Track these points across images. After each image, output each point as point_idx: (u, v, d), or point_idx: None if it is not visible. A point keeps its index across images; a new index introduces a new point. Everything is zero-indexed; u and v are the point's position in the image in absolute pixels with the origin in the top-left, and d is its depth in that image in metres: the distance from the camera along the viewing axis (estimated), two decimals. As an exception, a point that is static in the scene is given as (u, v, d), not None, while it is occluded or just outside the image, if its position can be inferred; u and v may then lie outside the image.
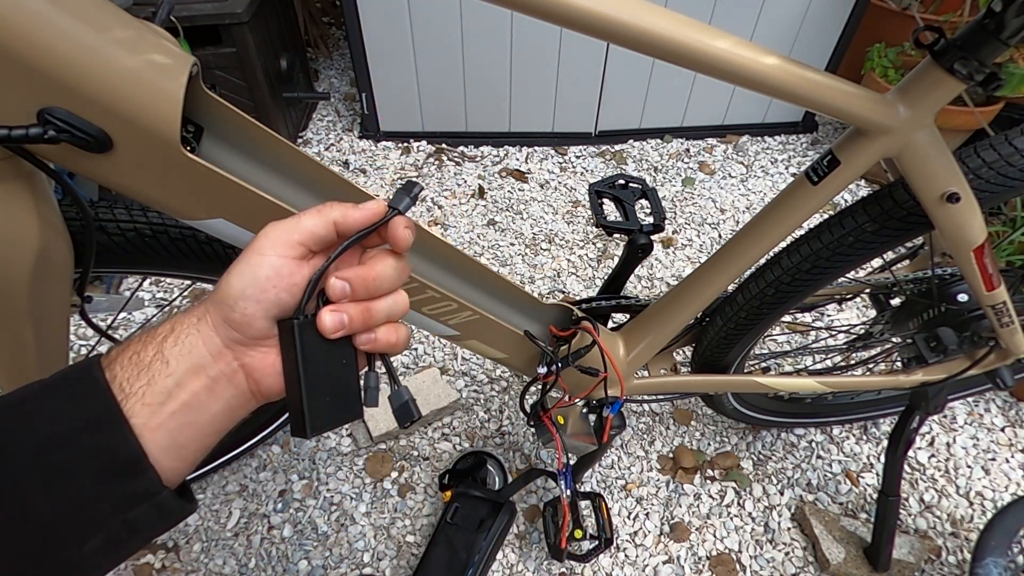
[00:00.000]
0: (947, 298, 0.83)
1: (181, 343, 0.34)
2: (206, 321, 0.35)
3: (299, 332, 0.35)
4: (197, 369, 0.34)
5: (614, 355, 0.82)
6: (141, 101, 0.39)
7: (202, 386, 0.34)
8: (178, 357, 0.34)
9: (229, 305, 0.34)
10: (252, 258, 0.35)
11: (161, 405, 0.32)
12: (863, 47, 1.83)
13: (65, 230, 0.50)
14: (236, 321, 0.35)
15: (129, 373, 0.32)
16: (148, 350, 0.34)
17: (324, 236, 0.36)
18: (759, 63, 0.50)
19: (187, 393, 0.33)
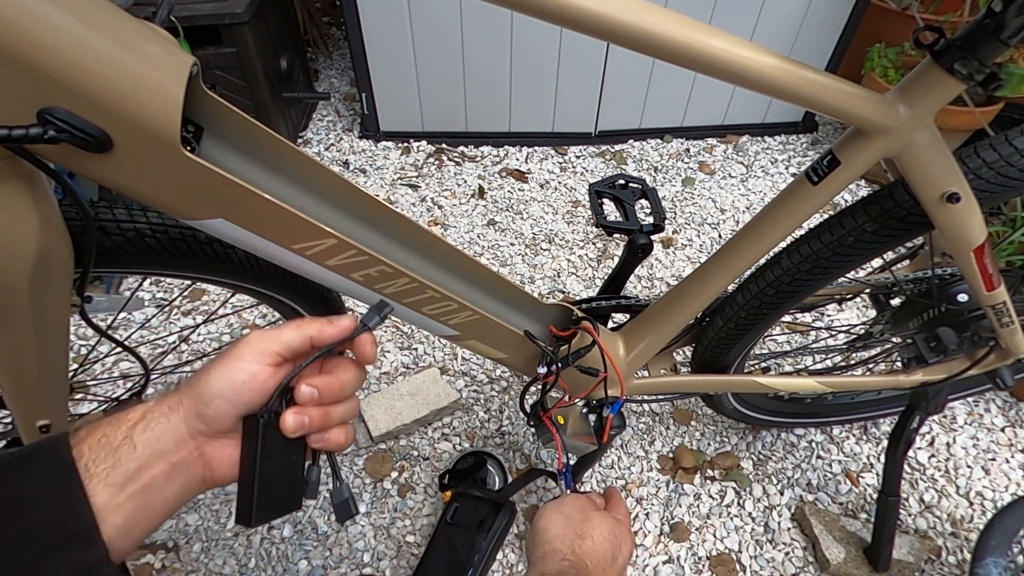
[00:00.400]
0: (947, 298, 0.83)
1: (151, 429, 0.37)
2: (178, 412, 0.38)
3: (263, 429, 0.39)
4: (160, 455, 0.37)
5: (614, 355, 0.82)
6: (141, 101, 0.39)
7: (162, 472, 0.37)
8: (145, 443, 0.36)
9: (204, 402, 0.38)
10: (232, 363, 0.39)
11: (122, 487, 0.35)
12: (863, 47, 1.83)
13: (65, 230, 0.50)
14: (208, 416, 0.38)
15: (96, 455, 0.35)
16: (118, 433, 0.36)
17: (300, 348, 0.41)
18: (759, 63, 0.50)
19: (148, 477, 0.36)
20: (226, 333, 1.33)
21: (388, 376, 1.27)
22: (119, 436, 0.36)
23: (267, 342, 0.40)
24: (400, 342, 1.34)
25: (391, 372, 1.28)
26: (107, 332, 0.65)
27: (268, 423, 0.39)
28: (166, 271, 0.65)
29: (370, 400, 1.18)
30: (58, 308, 0.54)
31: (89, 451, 0.35)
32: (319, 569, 0.98)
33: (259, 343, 0.40)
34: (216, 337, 1.32)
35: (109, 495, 0.34)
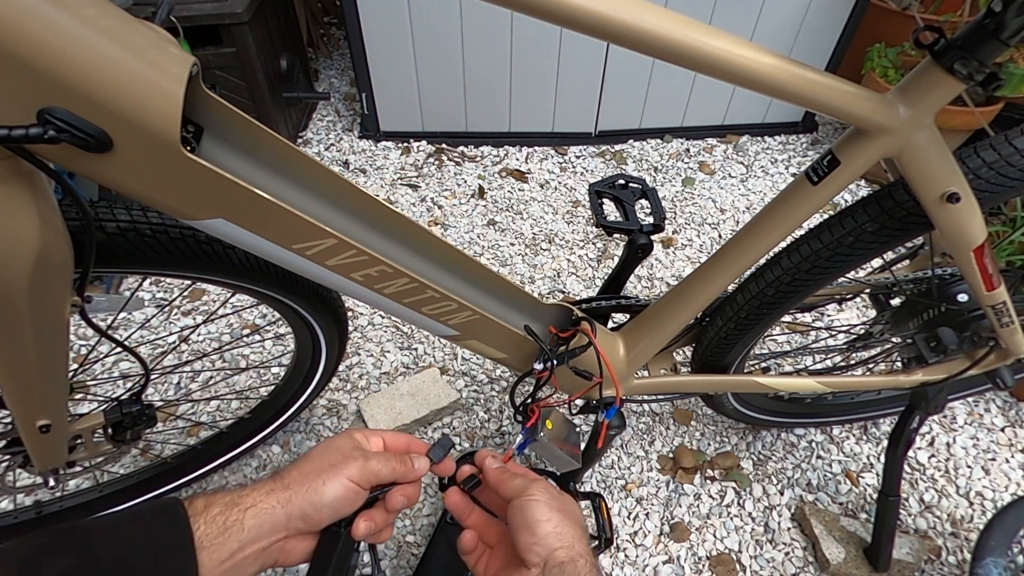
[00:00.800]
0: (947, 298, 0.83)
1: (258, 516, 0.44)
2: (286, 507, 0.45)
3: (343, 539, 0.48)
4: (257, 540, 0.44)
5: (614, 355, 0.82)
6: (141, 101, 0.39)
7: (253, 552, 0.44)
8: (251, 528, 0.43)
9: (316, 508, 0.46)
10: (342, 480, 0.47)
11: (221, 562, 0.42)
12: (863, 47, 1.83)
13: (65, 230, 0.50)
14: (313, 520, 0.46)
15: (210, 530, 0.42)
16: (232, 515, 0.43)
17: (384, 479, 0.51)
18: (759, 63, 0.50)
19: (242, 556, 0.43)
20: (226, 333, 1.33)
21: (388, 376, 1.27)
22: (232, 517, 0.43)
23: (368, 473, 0.48)
24: (400, 342, 1.34)
25: (391, 372, 1.28)
26: (107, 332, 0.65)
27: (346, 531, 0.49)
28: (166, 271, 0.65)
29: (370, 400, 1.18)
30: (58, 308, 0.54)
31: (204, 526, 0.42)
32: None
33: (363, 472, 0.48)
34: (216, 337, 1.32)
35: (211, 565, 0.41)
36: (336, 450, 0.49)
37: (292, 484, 0.46)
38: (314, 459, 0.48)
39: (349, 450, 0.49)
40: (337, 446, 0.50)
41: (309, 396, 1.01)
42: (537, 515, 0.49)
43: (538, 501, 0.50)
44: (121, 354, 1.22)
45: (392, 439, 0.55)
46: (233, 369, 1.26)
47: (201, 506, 0.43)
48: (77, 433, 0.73)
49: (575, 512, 0.52)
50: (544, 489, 0.51)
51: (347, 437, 0.51)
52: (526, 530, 0.48)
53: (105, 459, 0.81)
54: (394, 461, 0.51)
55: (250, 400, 1.15)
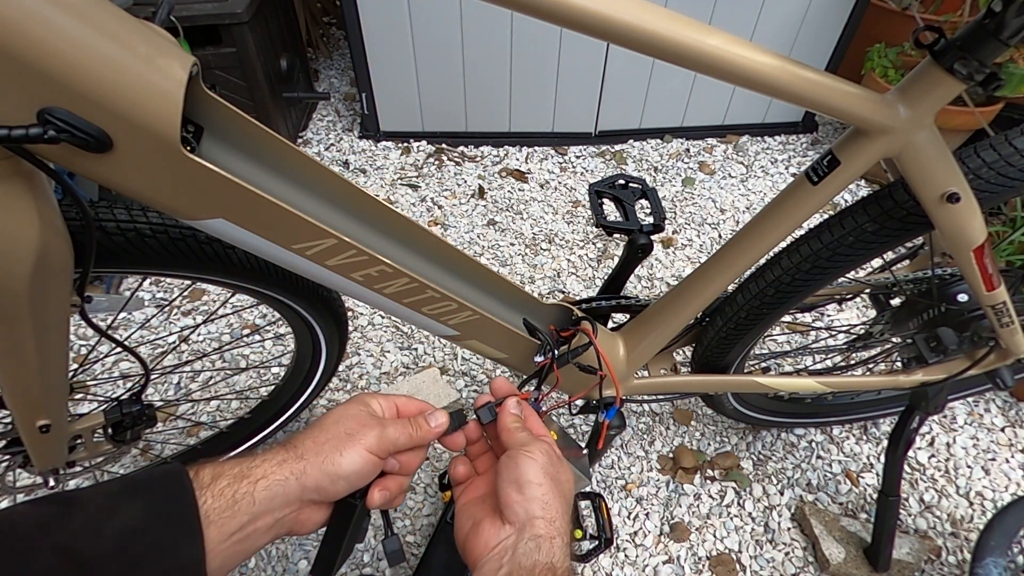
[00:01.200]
0: (947, 298, 0.83)
1: (270, 488, 0.42)
2: (300, 479, 0.43)
3: (358, 511, 0.47)
4: (270, 511, 0.42)
5: (614, 355, 0.82)
6: (141, 101, 0.39)
7: (265, 524, 0.42)
8: (262, 499, 0.42)
9: (332, 480, 0.44)
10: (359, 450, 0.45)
11: (231, 535, 0.40)
12: (863, 47, 1.83)
13: (65, 230, 0.50)
14: (329, 492, 0.45)
15: (218, 504, 0.40)
16: (241, 487, 0.41)
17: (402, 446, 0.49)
18: (759, 63, 0.50)
19: (253, 528, 0.41)
20: (226, 333, 1.33)
21: (388, 376, 1.27)
22: (242, 490, 0.41)
23: (385, 442, 0.47)
24: (400, 342, 1.34)
25: (391, 372, 1.28)
26: (107, 332, 0.65)
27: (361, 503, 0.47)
28: (166, 271, 0.65)
29: (370, 400, 1.18)
30: (58, 308, 0.54)
31: (212, 500, 0.40)
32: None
33: (380, 441, 0.46)
34: (216, 337, 1.32)
35: (219, 539, 0.39)
36: (351, 418, 0.47)
37: (306, 454, 0.44)
38: (328, 427, 0.46)
39: (365, 417, 0.47)
40: (352, 413, 0.47)
41: (309, 396, 1.01)
42: (529, 475, 0.46)
43: (535, 460, 0.47)
44: (121, 354, 1.22)
45: (405, 404, 0.52)
46: (233, 369, 1.26)
47: (208, 477, 0.41)
48: (77, 433, 0.73)
49: (568, 487, 0.49)
50: (545, 451, 0.48)
51: (360, 403, 0.49)
52: (513, 485, 0.46)
53: (105, 459, 0.81)
54: (410, 427, 0.49)
55: (250, 400, 1.15)
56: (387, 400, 0.51)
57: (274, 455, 0.44)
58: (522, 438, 0.50)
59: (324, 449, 0.44)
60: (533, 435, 0.51)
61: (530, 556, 0.42)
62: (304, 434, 0.46)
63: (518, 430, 0.52)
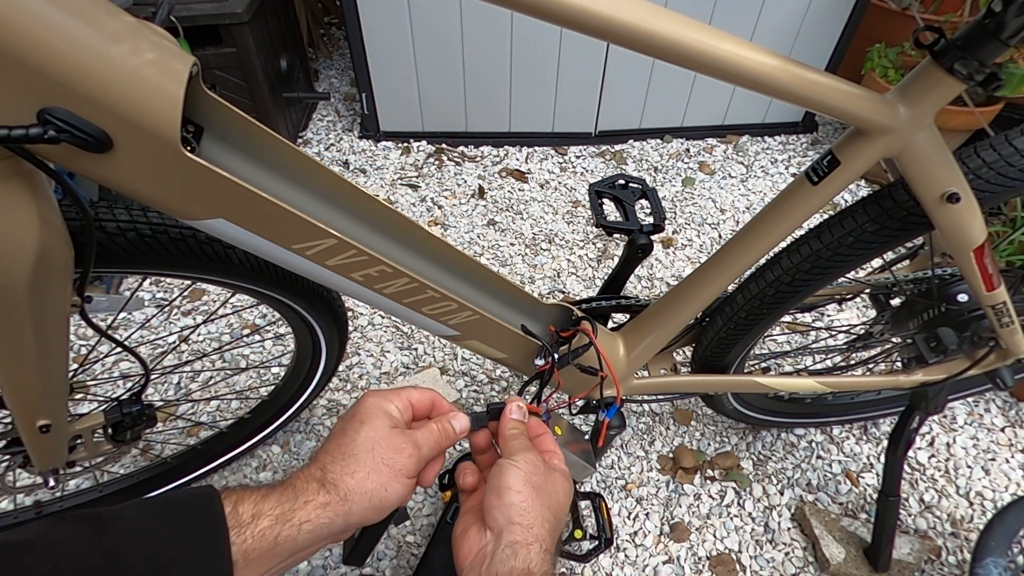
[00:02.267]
0: (947, 298, 0.83)
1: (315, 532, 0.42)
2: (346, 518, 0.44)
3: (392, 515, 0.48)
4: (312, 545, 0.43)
5: (614, 355, 0.82)
6: (141, 101, 0.39)
7: (305, 556, 0.43)
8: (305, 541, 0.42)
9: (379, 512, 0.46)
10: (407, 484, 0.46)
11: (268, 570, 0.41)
12: (863, 47, 1.83)
13: (65, 230, 0.50)
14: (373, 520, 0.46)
15: (259, 545, 0.40)
16: (284, 531, 0.41)
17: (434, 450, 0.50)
18: (759, 63, 0.50)
19: (291, 561, 0.42)
20: (226, 333, 1.33)
21: (388, 376, 1.27)
22: (285, 533, 0.41)
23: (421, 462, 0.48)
24: (400, 342, 1.34)
25: (391, 372, 1.28)
26: (107, 332, 0.65)
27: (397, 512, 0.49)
28: (166, 271, 0.65)
29: (370, 400, 1.18)
30: (58, 308, 0.54)
31: (252, 540, 0.39)
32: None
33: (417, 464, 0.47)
34: (216, 337, 1.32)
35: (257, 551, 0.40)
36: (383, 442, 0.46)
37: (351, 496, 0.44)
38: (363, 458, 0.45)
39: (396, 439, 0.47)
40: (382, 436, 0.46)
41: (309, 396, 1.01)
42: (509, 482, 0.47)
43: (517, 469, 0.47)
44: (121, 354, 1.22)
45: (418, 401, 0.52)
46: (233, 369, 1.26)
47: (248, 515, 0.40)
48: (77, 433, 0.73)
49: (556, 497, 0.49)
50: (531, 461, 0.49)
51: (383, 416, 0.48)
52: (494, 492, 0.47)
53: (105, 459, 0.81)
54: (438, 435, 0.50)
55: (250, 400, 1.15)
56: (401, 400, 0.50)
57: (315, 496, 0.43)
58: (515, 447, 0.51)
59: (368, 485, 0.44)
60: (528, 444, 0.51)
61: (506, 563, 0.43)
62: (339, 468, 0.45)
63: (514, 438, 0.52)
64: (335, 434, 0.47)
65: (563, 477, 0.52)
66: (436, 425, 0.51)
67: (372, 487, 0.44)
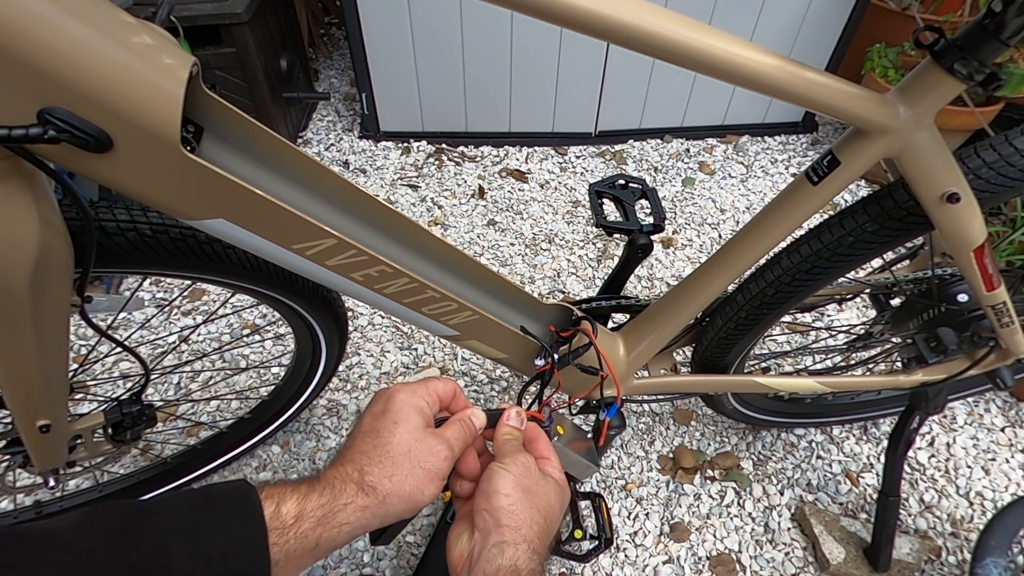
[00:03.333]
0: (947, 298, 0.83)
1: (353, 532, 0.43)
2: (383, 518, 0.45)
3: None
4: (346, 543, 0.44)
5: (614, 355, 0.82)
6: (141, 101, 0.39)
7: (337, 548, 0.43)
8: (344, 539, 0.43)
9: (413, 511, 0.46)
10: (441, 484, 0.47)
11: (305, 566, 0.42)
12: (863, 47, 1.83)
13: (65, 230, 0.50)
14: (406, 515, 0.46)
15: (300, 545, 0.41)
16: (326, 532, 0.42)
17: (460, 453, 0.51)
18: (759, 63, 0.50)
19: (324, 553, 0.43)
20: (226, 333, 1.33)
21: (388, 376, 1.27)
22: (326, 535, 0.42)
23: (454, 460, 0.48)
24: (400, 342, 1.34)
25: (391, 372, 1.28)
26: (107, 332, 0.65)
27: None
28: (166, 271, 0.65)
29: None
30: (58, 308, 0.54)
31: (295, 541, 0.40)
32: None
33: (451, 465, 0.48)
34: (216, 337, 1.32)
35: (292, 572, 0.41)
36: (418, 443, 0.47)
37: (389, 500, 0.44)
38: (401, 461, 0.45)
39: (429, 439, 0.47)
40: (416, 438, 0.47)
41: (309, 396, 1.01)
42: (499, 486, 0.47)
43: (507, 473, 0.48)
44: (121, 354, 1.22)
45: (443, 393, 0.53)
46: (233, 369, 1.26)
47: (291, 517, 0.41)
48: (77, 433, 0.73)
49: (547, 501, 0.49)
50: (521, 464, 0.49)
51: (415, 414, 0.48)
52: (483, 496, 0.47)
53: (105, 459, 0.81)
54: (464, 433, 0.51)
55: (250, 400, 1.15)
56: (429, 394, 0.51)
57: (354, 498, 0.43)
58: (506, 451, 0.51)
59: (405, 489, 0.45)
60: (520, 448, 0.52)
61: (493, 561, 0.43)
62: (377, 470, 0.45)
63: (507, 443, 0.52)
64: (368, 433, 0.47)
65: (556, 484, 0.52)
66: (461, 424, 0.51)
67: (410, 490, 0.45)
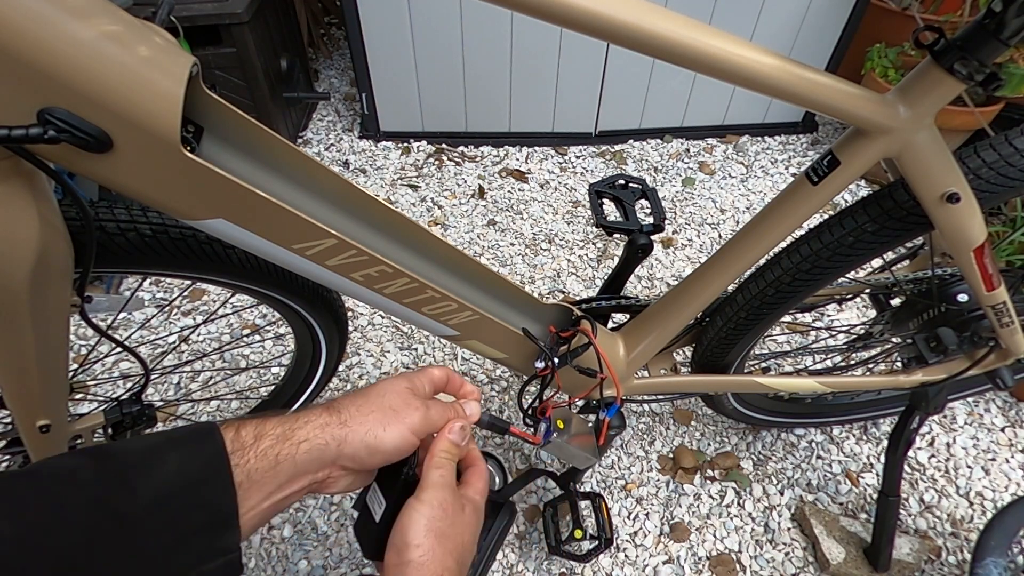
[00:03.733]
0: (947, 298, 0.83)
1: (311, 452, 0.42)
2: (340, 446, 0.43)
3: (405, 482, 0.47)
4: (307, 473, 0.43)
5: (614, 355, 0.82)
6: (141, 101, 0.39)
7: (301, 485, 0.43)
8: (303, 461, 0.42)
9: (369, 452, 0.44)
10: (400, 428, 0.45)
11: (270, 495, 0.41)
12: (863, 47, 1.83)
13: (65, 230, 0.50)
14: (364, 463, 0.44)
15: (261, 464, 0.40)
16: (284, 449, 0.41)
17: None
18: (759, 63, 0.50)
19: (290, 490, 0.42)
20: (226, 333, 1.33)
21: (388, 376, 1.27)
22: (285, 452, 0.41)
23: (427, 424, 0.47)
24: (400, 342, 1.34)
25: (391, 372, 1.28)
26: (107, 332, 0.65)
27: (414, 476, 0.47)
28: (166, 271, 0.65)
29: (370, 400, 1.18)
30: (58, 308, 0.54)
31: (255, 460, 0.40)
32: (319, 569, 0.98)
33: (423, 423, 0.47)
34: (216, 337, 1.32)
35: (259, 499, 0.40)
36: (396, 393, 0.47)
37: (350, 422, 0.44)
38: (373, 399, 0.46)
39: (408, 395, 0.47)
40: (396, 389, 0.47)
41: (309, 396, 1.01)
42: (411, 535, 0.43)
43: (421, 515, 0.44)
44: (121, 354, 1.22)
45: (440, 377, 0.53)
46: (233, 369, 1.26)
47: (251, 437, 0.41)
48: (77, 433, 0.73)
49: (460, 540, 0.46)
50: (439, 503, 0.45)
51: (404, 379, 0.49)
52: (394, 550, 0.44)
53: (105, 459, 0.81)
54: (449, 411, 0.50)
55: (250, 400, 1.15)
56: (426, 376, 0.51)
57: (316, 417, 0.43)
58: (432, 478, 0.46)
59: (368, 420, 0.44)
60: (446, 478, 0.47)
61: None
62: (348, 400, 0.46)
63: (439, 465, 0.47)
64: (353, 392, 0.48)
65: (473, 509, 0.48)
66: (449, 405, 0.50)
67: (372, 421, 0.44)
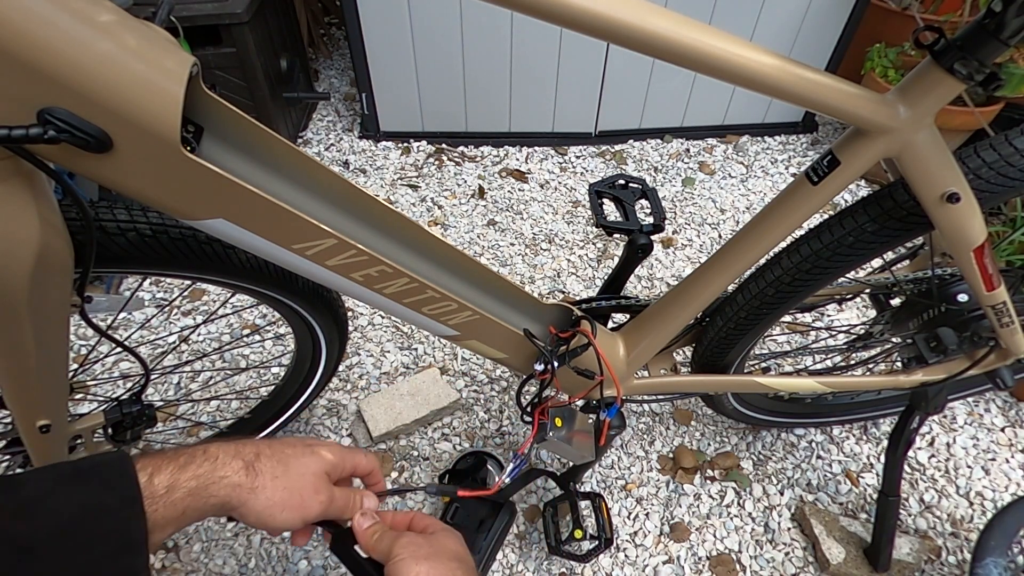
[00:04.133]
0: (947, 298, 0.83)
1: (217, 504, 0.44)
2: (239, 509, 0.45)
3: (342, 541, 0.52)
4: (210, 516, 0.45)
5: (614, 355, 0.82)
6: (141, 101, 0.39)
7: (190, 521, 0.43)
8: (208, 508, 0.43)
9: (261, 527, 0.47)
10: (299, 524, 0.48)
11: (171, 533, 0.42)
12: (863, 47, 1.83)
13: (65, 230, 0.50)
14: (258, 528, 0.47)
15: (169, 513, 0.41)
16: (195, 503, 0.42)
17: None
18: (759, 63, 0.50)
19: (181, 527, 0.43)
20: (226, 333, 1.33)
21: (388, 376, 1.27)
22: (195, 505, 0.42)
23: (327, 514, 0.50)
24: (400, 342, 1.34)
25: (391, 372, 1.28)
26: (107, 332, 0.65)
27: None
28: (166, 271, 0.65)
29: (370, 400, 1.18)
30: (58, 308, 0.54)
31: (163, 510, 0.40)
32: (319, 569, 0.98)
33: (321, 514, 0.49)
34: (216, 337, 1.32)
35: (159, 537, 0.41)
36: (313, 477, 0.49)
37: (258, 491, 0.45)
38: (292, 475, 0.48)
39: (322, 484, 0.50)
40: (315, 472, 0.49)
41: (309, 396, 1.01)
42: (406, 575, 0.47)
43: (403, 560, 0.47)
44: (121, 354, 1.22)
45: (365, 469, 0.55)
46: (233, 369, 1.26)
47: (162, 488, 0.41)
48: (77, 433, 0.73)
49: (449, 550, 0.50)
50: (408, 544, 0.49)
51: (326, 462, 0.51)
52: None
53: (105, 459, 0.81)
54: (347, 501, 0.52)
55: (250, 400, 1.15)
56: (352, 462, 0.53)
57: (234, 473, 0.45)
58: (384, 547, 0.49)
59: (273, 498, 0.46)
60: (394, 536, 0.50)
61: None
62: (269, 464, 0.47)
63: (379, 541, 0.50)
64: (287, 440, 0.50)
65: (446, 533, 0.52)
66: (355, 494, 0.52)
67: (277, 500, 0.46)
